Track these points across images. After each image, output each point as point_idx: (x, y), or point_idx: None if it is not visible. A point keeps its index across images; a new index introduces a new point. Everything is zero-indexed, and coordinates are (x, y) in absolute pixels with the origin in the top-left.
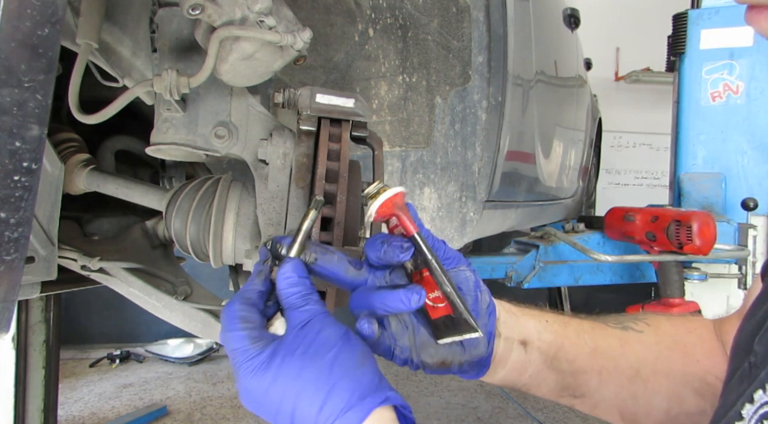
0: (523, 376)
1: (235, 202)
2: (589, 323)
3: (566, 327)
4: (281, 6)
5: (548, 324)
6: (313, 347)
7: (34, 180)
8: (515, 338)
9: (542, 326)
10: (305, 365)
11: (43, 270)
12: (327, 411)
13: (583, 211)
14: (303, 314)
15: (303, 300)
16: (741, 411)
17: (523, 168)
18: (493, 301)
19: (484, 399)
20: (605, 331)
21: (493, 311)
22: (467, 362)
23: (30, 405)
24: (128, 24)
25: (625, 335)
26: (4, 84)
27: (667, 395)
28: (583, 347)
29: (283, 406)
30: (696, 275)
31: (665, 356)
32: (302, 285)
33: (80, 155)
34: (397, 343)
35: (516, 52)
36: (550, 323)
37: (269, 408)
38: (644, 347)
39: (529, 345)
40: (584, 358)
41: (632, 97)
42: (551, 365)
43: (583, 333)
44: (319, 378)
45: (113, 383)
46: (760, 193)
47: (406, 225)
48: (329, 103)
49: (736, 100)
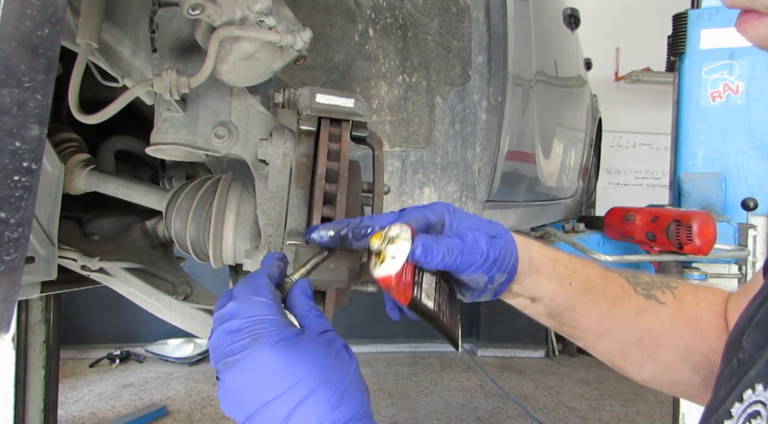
0: (523, 311)
1: (235, 202)
2: (616, 288)
3: (587, 293)
4: (281, 6)
5: (570, 287)
6: (337, 352)
7: (34, 180)
8: (525, 295)
9: (561, 290)
10: (330, 364)
11: (43, 270)
12: (339, 413)
13: (583, 211)
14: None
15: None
16: (731, 409)
17: (523, 168)
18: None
19: (484, 399)
20: (626, 300)
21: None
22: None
23: (30, 405)
24: (128, 24)
25: (645, 305)
26: (4, 84)
27: (661, 364)
28: (594, 312)
29: (296, 389)
30: (696, 274)
31: (676, 331)
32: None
33: (80, 155)
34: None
35: (516, 52)
36: (573, 286)
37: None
38: (658, 319)
39: (538, 301)
40: (591, 320)
41: (632, 97)
42: (553, 317)
43: (602, 300)
44: (343, 381)
45: (113, 383)
46: (760, 193)
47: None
48: (329, 103)
49: (736, 100)
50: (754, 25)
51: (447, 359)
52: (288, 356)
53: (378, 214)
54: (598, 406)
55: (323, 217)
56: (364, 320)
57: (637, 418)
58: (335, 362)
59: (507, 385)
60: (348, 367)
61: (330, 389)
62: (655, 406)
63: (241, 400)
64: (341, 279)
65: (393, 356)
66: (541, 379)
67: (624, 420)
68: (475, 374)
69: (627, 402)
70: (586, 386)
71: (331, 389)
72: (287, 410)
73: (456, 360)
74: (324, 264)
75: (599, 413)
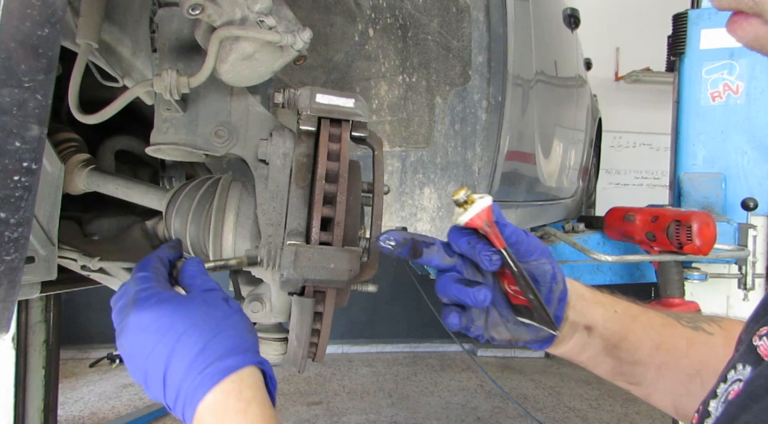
0: (581, 355)
1: (235, 202)
2: (660, 319)
3: (634, 321)
4: (281, 6)
5: (616, 315)
6: (211, 302)
7: (34, 180)
8: (581, 323)
9: (610, 316)
10: (202, 311)
11: (43, 270)
12: (207, 353)
13: (583, 211)
14: (206, 283)
15: (206, 278)
16: (716, 390)
17: (523, 168)
18: (566, 287)
19: (484, 399)
20: (674, 329)
21: (564, 297)
22: (532, 341)
23: (30, 405)
24: (128, 24)
25: (694, 336)
26: (4, 84)
27: None
28: (647, 342)
29: (167, 337)
30: (696, 275)
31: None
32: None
33: (80, 155)
34: (474, 323)
35: (516, 52)
36: (618, 313)
37: (151, 340)
38: (711, 350)
39: (593, 331)
40: (646, 352)
41: (632, 97)
42: (611, 352)
43: (651, 329)
44: (214, 324)
45: (113, 383)
46: (760, 193)
47: (493, 240)
48: (329, 103)
49: (736, 100)
50: (742, 26)
51: (447, 359)
52: (157, 312)
53: (379, 214)
54: (598, 406)
55: (323, 217)
56: (364, 320)
57: (637, 418)
58: (207, 310)
59: (507, 385)
60: (224, 313)
61: (197, 331)
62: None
63: (134, 362)
64: (341, 279)
65: (393, 356)
66: (541, 379)
67: (624, 420)
68: (475, 374)
69: (627, 402)
70: (586, 386)
71: (198, 330)
72: (164, 357)
73: (456, 360)
74: (324, 264)
75: (599, 413)
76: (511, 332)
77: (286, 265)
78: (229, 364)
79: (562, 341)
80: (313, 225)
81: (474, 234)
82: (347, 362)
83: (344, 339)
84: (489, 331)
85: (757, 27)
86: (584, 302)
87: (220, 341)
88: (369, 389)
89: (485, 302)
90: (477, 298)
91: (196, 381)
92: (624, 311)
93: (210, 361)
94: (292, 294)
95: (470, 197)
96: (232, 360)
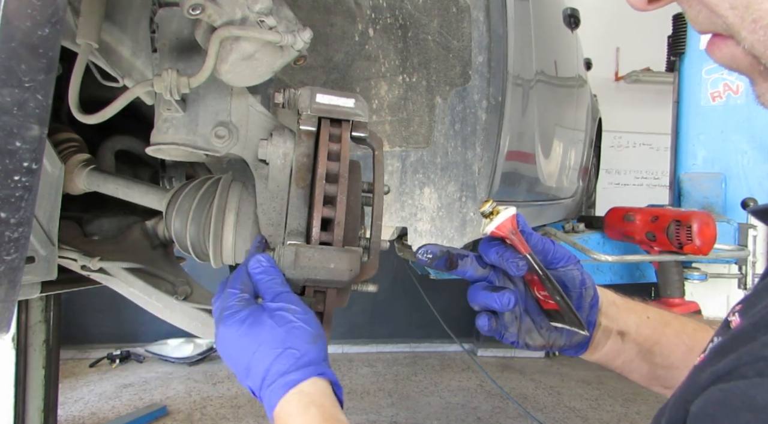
0: (616, 361)
1: (235, 202)
2: (693, 325)
3: (666, 326)
4: (281, 6)
5: (649, 320)
6: (277, 318)
7: (34, 180)
8: (614, 329)
9: (642, 321)
10: (267, 330)
11: (43, 270)
12: (276, 366)
13: (583, 211)
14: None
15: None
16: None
17: (523, 168)
18: (597, 294)
19: (484, 399)
20: (706, 333)
21: (596, 303)
22: (566, 346)
23: (30, 405)
24: (128, 24)
25: None
26: (4, 84)
27: None
28: (680, 346)
29: (244, 355)
30: (696, 275)
31: None
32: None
33: (80, 155)
34: (507, 329)
35: (516, 52)
36: (651, 319)
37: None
38: None
39: (626, 336)
40: (679, 356)
41: (632, 97)
42: (645, 357)
43: (683, 334)
44: (275, 341)
45: (113, 383)
46: (760, 194)
47: (518, 247)
48: (329, 103)
49: (736, 100)
50: (720, 47)
51: (447, 359)
52: (238, 330)
53: (379, 214)
54: (598, 406)
55: (323, 217)
56: (364, 320)
57: (637, 418)
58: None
59: (507, 385)
60: (286, 328)
61: (270, 346)
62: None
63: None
64: (341, 279)
65: (393, 356)
66: (541, 379)
67: (624, 420)
68: (475, 374)
69: (627, 402)
70: (586, 386)
71: (269, 349)
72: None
73: (456, 360)
74: (324, 264)
75: (599, 413)
76: (544, 338)
77: (287, 265)
78: (289, 380)
79: (597, 347)
80: (314, 225)
81: (502, 244)
82: (347, 362)
83: (344, 339)
84: (523, 337)
85: (732, 48)
86: (616, 308)
87: (284, 358)
88: (369, 389)
89: (509, 304)
90: (501, 301)
91: (266, 394)
92: (656, 317)
93: (273, 379)
94: None
95: (495, 209)
96: (294, 375)
